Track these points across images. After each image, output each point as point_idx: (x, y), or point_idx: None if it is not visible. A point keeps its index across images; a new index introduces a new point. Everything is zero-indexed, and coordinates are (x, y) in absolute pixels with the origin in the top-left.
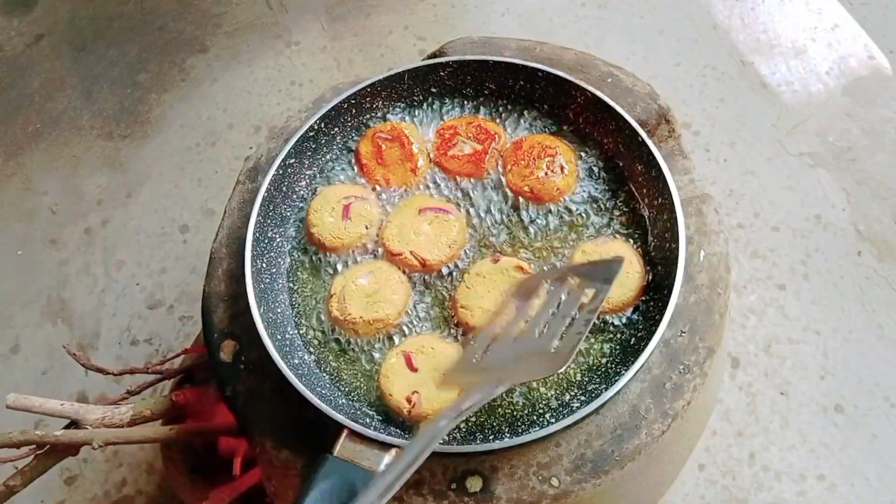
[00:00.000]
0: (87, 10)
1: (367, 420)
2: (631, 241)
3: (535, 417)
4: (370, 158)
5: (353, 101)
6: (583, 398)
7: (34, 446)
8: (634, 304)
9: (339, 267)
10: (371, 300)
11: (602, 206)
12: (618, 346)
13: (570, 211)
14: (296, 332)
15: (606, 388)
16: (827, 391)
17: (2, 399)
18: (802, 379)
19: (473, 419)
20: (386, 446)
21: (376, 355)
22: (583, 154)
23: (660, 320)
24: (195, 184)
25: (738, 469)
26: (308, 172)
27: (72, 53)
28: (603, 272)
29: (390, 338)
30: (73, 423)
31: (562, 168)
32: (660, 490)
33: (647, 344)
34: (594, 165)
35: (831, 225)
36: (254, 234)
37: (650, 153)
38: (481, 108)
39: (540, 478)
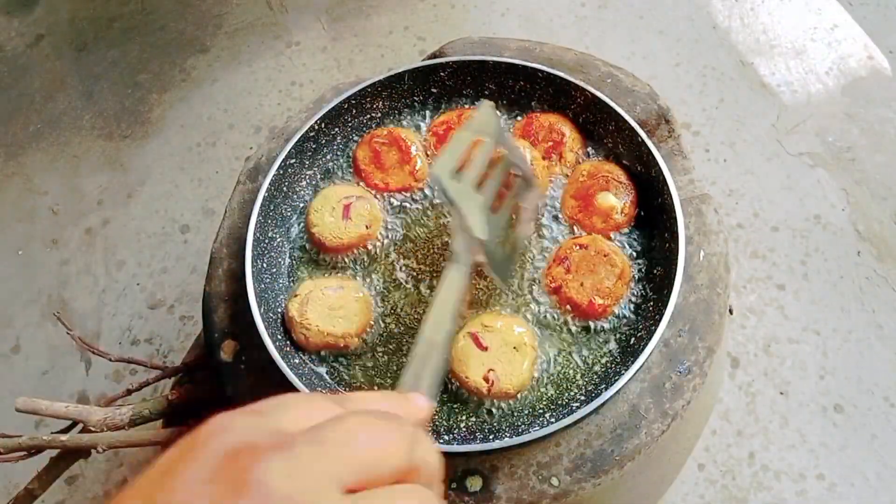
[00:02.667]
0: (87, 10)
1: None
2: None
3: (534, 417)
4: (368, 164)
5: (354, 102)
6: (583, 398)
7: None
8: (632, 219)
9: (342, 266)
10: (333, 313)
11: None
12: (618, 346)
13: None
14: None
15: (606, 388)
16: (826, 391)
17: (4, 400)
18: (802, 379)
19: (474, 419)
20: None
21: (378, 355)
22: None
23: (659, 320)
24: (196, 184)
25: (738, 468)
26: (308, 173)
27: (72, 54)
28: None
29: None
30: (77, 424)
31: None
32: (659, 490)
33: (646, 344)
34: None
35: (831, 225)
36: (254, 234)
37: (650, 153)
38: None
39: (540, 477)
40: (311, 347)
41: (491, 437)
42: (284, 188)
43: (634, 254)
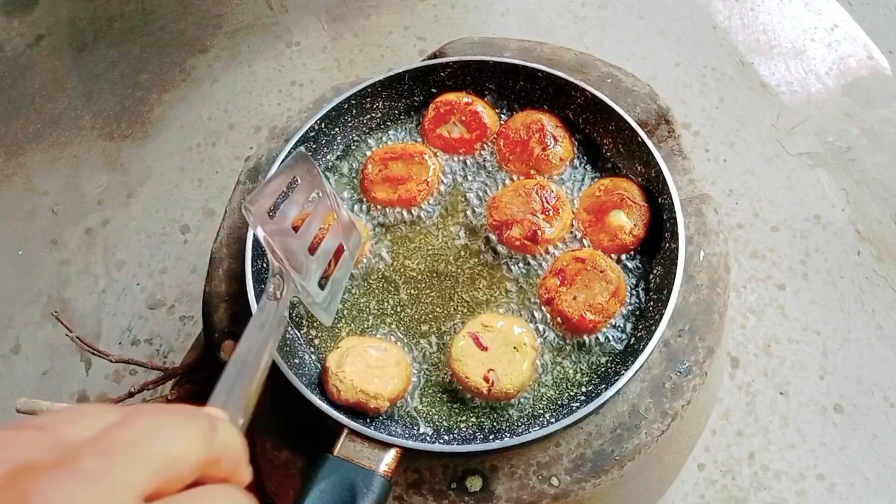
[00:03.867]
0: (87, 10)
1: (367, 419)
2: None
3: (534, 417)
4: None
5: (354, 102)
6: (583, 398)
7: None
8: (639, 241)
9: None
10: (370, 371)
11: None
12: (618, 346)
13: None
14: (296, 331)
15: (606, 388)
16: (826, 391)
17: (4, 400)
18: (802, 379)
19: (474, 419)
20: (386, 446)
21: None
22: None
23: (659, 320)
24: (196, 184)
25: (738, 468)
26: None
27: (72, 54)
28: (351, 237)
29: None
30: None
31: (555, 138)
32: (659, 489)
33: (646, 344)
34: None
35: (831, 225)
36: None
37: (650, 153)
38: None
39: (540, 477)
40: (342, 401)
41: (491, 437)
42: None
43: (634, 280)
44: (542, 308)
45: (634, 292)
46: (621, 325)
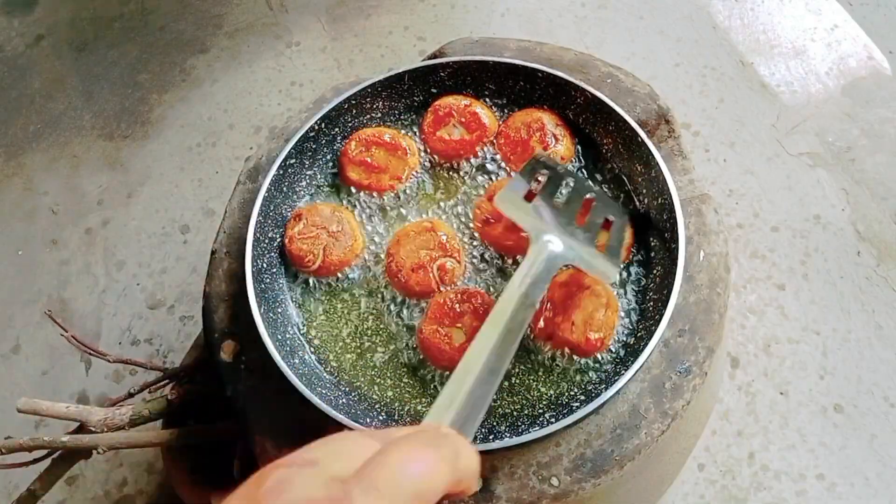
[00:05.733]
0: (87, 10)
1: (368, 420)
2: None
3: (534, 417)
4: (364, 175)
5: (354, 102)
6: (583, 398)
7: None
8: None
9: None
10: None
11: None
12: (618, 346)
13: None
14: (297, 331)
15: (606, 388)
16: (826, 391)
17: (4, 400)
18: (802, 379)
19: None
20: None
21: (378, 356)
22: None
23: (659, 320)
24: (196, 184)
25: (738, 468)
26: (308, 173)
27: (72, 54)
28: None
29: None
30: (79, 426)
31: (556, 137)
32: (659, 490)
33: (646, 344)
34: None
35: (831, 225)
36: (254, 234)
37: (650, 153)
38: None
39: (540, 477)
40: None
41: (491, 437)
42: (285, 188)
43: (634, 281)
44: (545, 344)
45: (634, 293)
46: (621, 326)
